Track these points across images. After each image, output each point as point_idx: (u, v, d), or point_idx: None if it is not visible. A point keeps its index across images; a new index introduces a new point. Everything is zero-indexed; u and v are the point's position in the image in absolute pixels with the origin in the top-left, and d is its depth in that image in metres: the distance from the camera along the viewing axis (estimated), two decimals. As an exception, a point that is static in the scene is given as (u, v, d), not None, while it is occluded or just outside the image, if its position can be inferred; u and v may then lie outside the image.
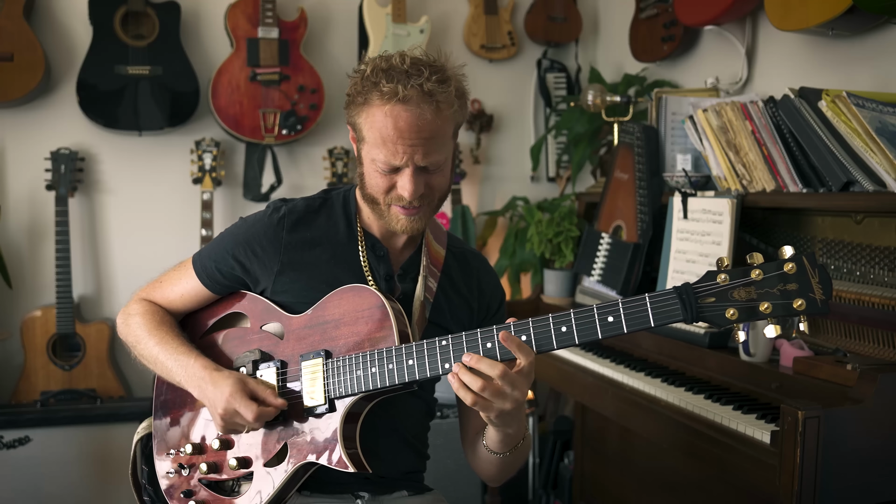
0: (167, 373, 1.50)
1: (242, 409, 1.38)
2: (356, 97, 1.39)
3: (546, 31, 3.48)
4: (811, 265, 1.16)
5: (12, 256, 2.96)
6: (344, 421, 1.39)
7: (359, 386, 1.38)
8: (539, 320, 1.27)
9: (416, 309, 1.48)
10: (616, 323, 1.22)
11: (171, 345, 1.50)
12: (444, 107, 1.36)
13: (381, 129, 1.35)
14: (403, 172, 1.38)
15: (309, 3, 3.23)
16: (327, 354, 1.42)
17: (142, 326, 1.54)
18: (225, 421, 1.41)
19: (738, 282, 1.18)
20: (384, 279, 1.50)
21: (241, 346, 1.53)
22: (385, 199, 1.42)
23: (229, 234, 1.55)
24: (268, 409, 1.40)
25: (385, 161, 1.37)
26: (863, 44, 2.18)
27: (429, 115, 1.34)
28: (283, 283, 1.49)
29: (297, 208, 1.52)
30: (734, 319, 1.18)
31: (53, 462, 2.64)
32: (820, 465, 1.45)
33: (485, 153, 3.58)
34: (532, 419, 2.92)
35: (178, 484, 1.53)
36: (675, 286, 1.21)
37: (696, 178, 2.29)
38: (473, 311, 1.58)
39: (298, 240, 1.50)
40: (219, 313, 1.58)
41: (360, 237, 1.52)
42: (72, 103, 2.96)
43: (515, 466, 1.53)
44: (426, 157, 1.37)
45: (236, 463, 1.46)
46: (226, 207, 3.18)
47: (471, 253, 1.64)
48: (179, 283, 1.57)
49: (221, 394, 1.40)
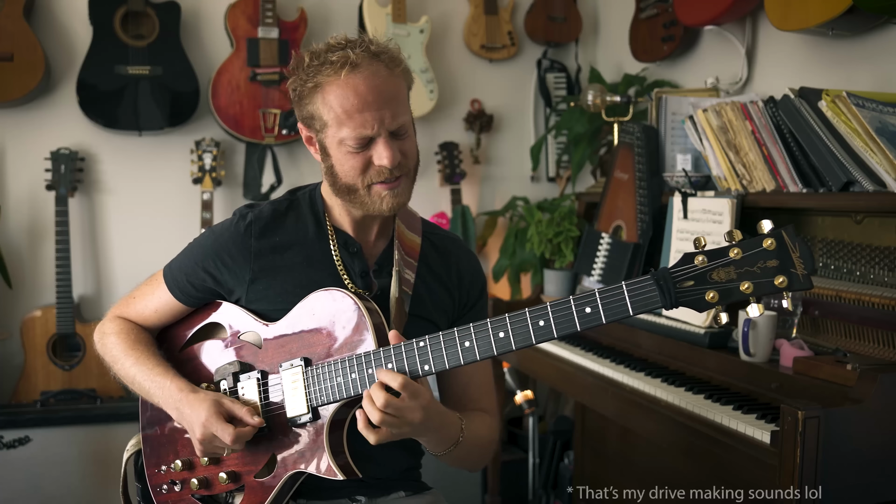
0: (145, 393, 1.49)
1: (220, 433, 1.36)
2: (305, 85, 1.36)
3: (546, 31, 3.48)
4: (791, 240, 1.11)
5: (12, 256, 2.96)
6: (329, 428, 1.37)
7: (340, 393, 1.35)
8: (516, 315, 1.24)
9: (393, 306, 1.45)
10: (594, 314, 1.19)
11: (147, 365, 1.48)
12: (394, 64, 1.37)
13: (342, 104, 1.33)
14: (377, 143, 1.36)
15: (309, 3, 3.23)
16: (307, 362, 1.39)
17: (117, 346, 1.53)
18: (203, 445, 1.39)
19: (717, 262, 1.13)
20: (360, 276, 1.47)
21: (220, 357, 1.50)
22: (363, 180, 1.39)
23: (198, 245, 1.52)
24: (245, 429, 1.37)
25: (355, 136, 1.34)
26: (863, 44, 2.18)
27: (383, 72, 1.35)
28: (256, 292, 1.46)
29: (264, 214, 1.49)
30: (714, 302, 1.13)
31: (53, 462, 2.63)
32: (820, 465, 1.45)
33: (485, 153, 3.58)
34: (532, 419, 2.92)
35: (172, 500, 1.52)
36: (652, 271, 1.17)
37: (696, 178, 2.29)
38: (454, 299, 1.56)
39: (268, 246, 1.46)
40: (195, 325, 1.55)
41: (332, 235, 1.49)
42: (72, 103, 2.96)
43: (470, 460, 1.51)
44: (395, 119, 1.35)
45: (226, 477, 1.44)
46: (226, 207, 3.19)
47: (449, 239, 1.61)
48: (153, 297, 1.55)
49: (198, 417, 1.37)
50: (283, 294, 1.45)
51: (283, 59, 3.08)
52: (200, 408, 1.38)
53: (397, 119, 1.36)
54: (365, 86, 1.32)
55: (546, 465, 3.01)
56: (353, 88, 1.32)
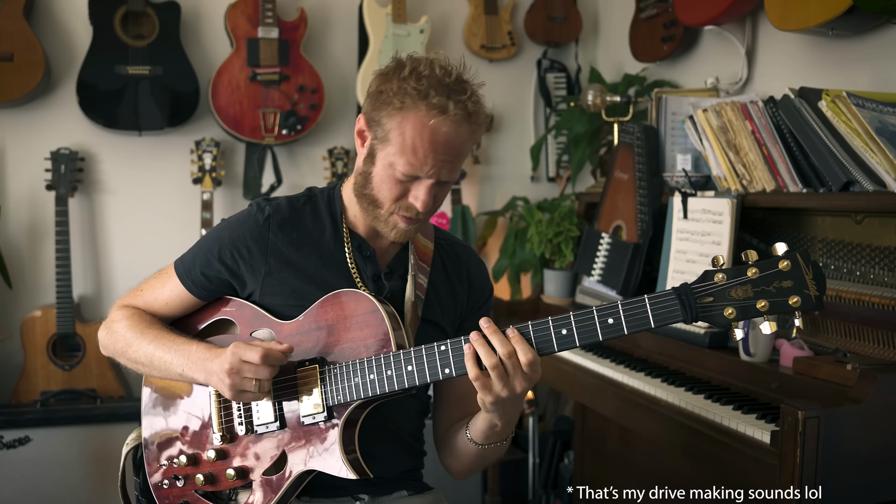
0: (166, 366, 1.44)
1: (249, 354, 1.32)
2: (392, 99, 1.34)
3: (546, 31, 3.48)
4: (805, 262, 1.18)
5: (12, 256, 2.96)
6: (343, 428, 1.38)
7: (357, 393, 1.36)
8: (539, 323, 1.27)
9: (408, 310, 1.47)
10: (616, 325, 1.23)
11: (168, 338, 1.45)
12: (478, 128, 1.38)
13: (414, 138, 1.33)
14: (421, 184, 1.37)
15: (309, 3, 3.23)
16: (322, 362, 1.40)
17: (130, 329, 1.49)
18: (233, 378, 1.33)
19: (735, 281, 1.20)
20: (371, 279, 1.48)
21: None
22: (392, 206, 1.40)
23: (213, 236, 1.49)
24: (273, 350, 1.33)
25: (408, 171, 1.35)
26: (863, 44, 2.18)
27: (465, 134, 1.36)
28: (271, 286, 1.46)
29: (282, 208, 1.48)
30: (732, 318, 1.20)
31: (53, 462, 2.63)
32: (820, 465, 1.45)
33: (485, 153, 3.58)
34: (532, 419, 2.92)
35: (174, 495, 1.51)
36: (674, 287, 1.22)
37: (696, 178, 2.29)
38: (463, 303, 1.57)
39: (285, 240, 1.46)
40: (206, 319, 1.53)
41: (347, 237, 1.49)
42: (72, 103, 2.96)
43: (487, 463, 1.54)
44: (450, 174, 1.38)
45: (234, 473, 1.43)
46: (226, 207, 3.19)
47: (460, 245, 1.63)
48: (163, 290, 1.53)
49: (225, 354, 1.34)
50: (296, 291, 1.45)
51: (283, 59, 3.08)
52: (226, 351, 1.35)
53: (452, 174, 1.39)
54: (443, 137, 1.33)
55: (546, 465, 3.01)
56: (433, 134, 1.33)
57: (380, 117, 1.36)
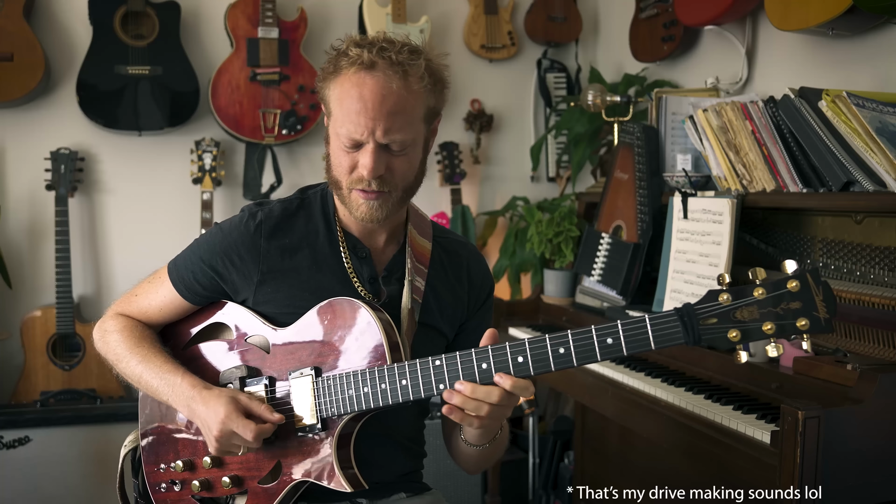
0: (153, 392, 1.45)
1: (241, 430, 1.32)
2: (327, 68, 1.35)
3: (546, 31, 3.48)
4: (815, 282, 1.11)
5: (12, 256, 2.96)
6: (338, 441, 1.35)
7: (351, 406, 1.33)
8: (536, 341, 1.23)
9: (405, 317, 1.43)
10: (615, 345, 1.18)
11: (155, 362, 1.44)
12: (413, 80, 1.32)
13: (346, 99, 1.31)
14: (365, 149, 1.33)
15: (309, 3, 3.23)
16: (317, 371, 1.37)
17: (121, 344, 1.49)
18: (220, 443, 1.35)
19: (741, 302, 1.14)
20: (368, 282, 1.45)
21: (225, 359, 1.47)
22: (347, 180, 1.37)
23: (205, 242, 1.48)
24: (265, 426, 1.34)
25: (348, 135, 1.32)
26: (863, 44, 2.18)
27: (395, 84, 1.30)
28: (264, 294, 1.44)
29: (274, 213, 1.46)
30: (736, 341, 1.14)
31: (53, 462, 2.63)
32: (820, 466, 1.45)
33: (485, 153, 3.58)
34: (532, 419, 2.92)
35: (171, 499, 1.50)
36: (677, 307, 1.16)
37: (696, 178, 2.29)
38: (464, 304, 1.55)
39: (277, 247, 1.44)
40: (200, 323, 1.52)
41: (341, 239, 1.46)
42: (72, 103, 2.96)
43: (495, 456, 1.52)
44: (388, 134, 1.31)
45: (229, 481, 1.42)
46: (226, 207, 3.19)
47: (459, 242, 1.60)
48: (156, 295, 1.52)
49: (216, 415, 1.33)
50: (291, 298, 1.42)
51: (283, 59, 3.08)
52: (217, 404, 1.34)
53: (391, 134, 1.32)
54: (370, 91, 1.29)
55: (546, 465, 3.01)
56: (359, 88, 1.30)
57: (324, 91, 1.37)
